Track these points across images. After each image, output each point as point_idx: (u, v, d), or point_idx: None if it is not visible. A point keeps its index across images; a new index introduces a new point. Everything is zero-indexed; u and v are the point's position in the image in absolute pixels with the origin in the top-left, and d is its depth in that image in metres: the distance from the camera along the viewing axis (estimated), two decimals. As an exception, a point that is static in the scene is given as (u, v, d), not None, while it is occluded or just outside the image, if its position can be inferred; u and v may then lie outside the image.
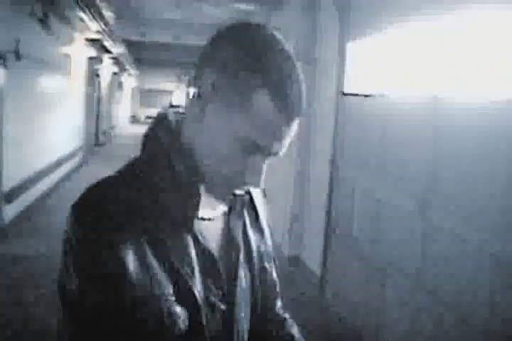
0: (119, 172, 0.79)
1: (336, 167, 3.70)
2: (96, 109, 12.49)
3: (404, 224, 2.71)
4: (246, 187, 0.81)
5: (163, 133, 0.80)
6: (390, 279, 2.85)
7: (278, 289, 1.00)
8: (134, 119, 25.74)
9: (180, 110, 0.85)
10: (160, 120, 0.82)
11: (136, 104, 26.92)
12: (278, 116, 0.71)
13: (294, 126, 0.74)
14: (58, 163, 7.77)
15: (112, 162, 2.61)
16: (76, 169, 9.07)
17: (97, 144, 12.58)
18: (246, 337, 0.85)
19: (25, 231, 5.03)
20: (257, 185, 0.76)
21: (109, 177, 0.78)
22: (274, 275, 0.98)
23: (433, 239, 2.41)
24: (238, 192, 0.83)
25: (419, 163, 2.59)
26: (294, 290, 3.87)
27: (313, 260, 4.27)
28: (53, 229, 4.61)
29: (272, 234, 0.91)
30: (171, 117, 0.82)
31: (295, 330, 0.99)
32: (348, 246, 3.46)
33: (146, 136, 0.82)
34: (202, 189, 0.78)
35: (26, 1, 5.18)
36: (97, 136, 12.88)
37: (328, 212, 3.78)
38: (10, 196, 5.18)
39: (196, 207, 0.77)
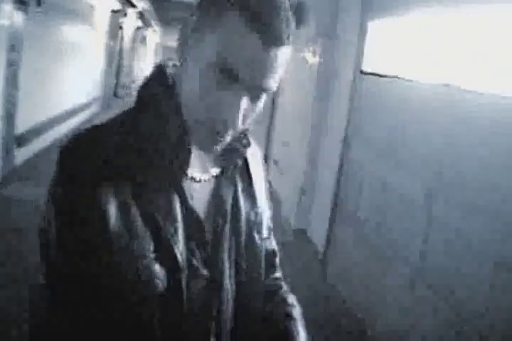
0: (110, 120, 0.77)
1: (348, 146, 3.63)
2: (117, 62, 12.41)
3: (408, 212, 2.64)
4: (228, 132, 0.72)
5: (157, 86, 0.77)
6: (391, 265, 2.80)
7: (277, 259, 0.98)
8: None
9: (177, 63, 0.81)
10: (155, 72, 0.80)
11: (159, 60, 26.60)
12: (251, 39, 0.66)
13: (277, 56, 0.68)
14: (73, 112, 7.80)
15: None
16: (91, 119, 9.11)
17: (116, 96, 12.58)
18: (231, 306, 0.80)
19: (34, 175, 5.11)
20: (233, 122, 0.70)
21: (100, 124, 0.76)
22: (273, 245, 0.96)
23: (435, 232, 2.35)
24: (222, 139, 0.73)
25: (428, 151, 2.52)
26: (297, 263, 3.84)
27: (318, 235, 4.24)
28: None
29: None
30: (168, 70, 0.80)
31: (290, 298, 0.95)
32: (353, 226, 3.43)
33: (141, 87, 0.79)
34: (193, 147, 0.75)
35: None
36: (116, 88, 12.86)
37: (336, 190, 3.73)
38: (21, 139, 5.25)
39: (186, 164, 0.75)
